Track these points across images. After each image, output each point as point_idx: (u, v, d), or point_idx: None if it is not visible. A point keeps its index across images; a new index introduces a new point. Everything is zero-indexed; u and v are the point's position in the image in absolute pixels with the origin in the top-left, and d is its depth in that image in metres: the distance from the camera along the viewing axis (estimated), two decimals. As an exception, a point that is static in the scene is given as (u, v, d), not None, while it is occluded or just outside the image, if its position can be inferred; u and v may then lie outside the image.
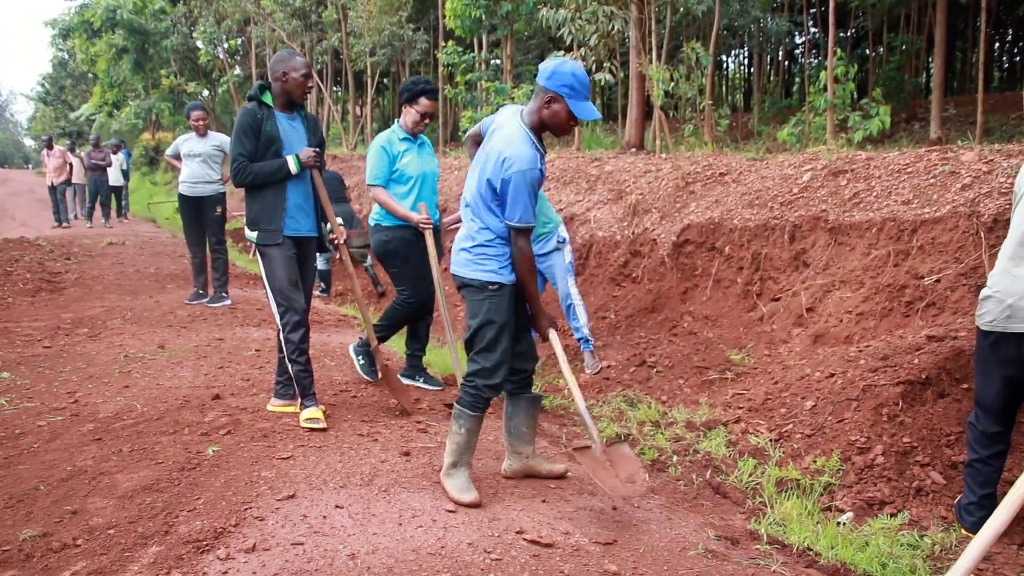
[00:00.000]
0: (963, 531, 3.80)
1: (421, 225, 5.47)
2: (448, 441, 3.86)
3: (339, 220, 5.08)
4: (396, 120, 5.65)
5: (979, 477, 3.79)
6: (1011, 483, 3.74)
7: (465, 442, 3.83)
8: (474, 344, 3.81)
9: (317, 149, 4.79)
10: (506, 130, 3.74)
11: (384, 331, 5.73)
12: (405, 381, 5.79)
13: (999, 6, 21.13)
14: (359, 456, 4.17)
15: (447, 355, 6.86)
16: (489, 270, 3.79)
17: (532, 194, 3.66)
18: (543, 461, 4.21)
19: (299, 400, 4.78)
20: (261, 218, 4.70)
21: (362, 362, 5.78)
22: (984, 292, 3.61)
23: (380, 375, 5.20)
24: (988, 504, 3.66)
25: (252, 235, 4.75)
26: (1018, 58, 24.68)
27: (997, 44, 25.12)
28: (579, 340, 7.03)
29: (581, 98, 3.65)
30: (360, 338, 5.89)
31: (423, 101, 5.46)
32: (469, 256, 3.84)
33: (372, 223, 5.64)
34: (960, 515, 3.86)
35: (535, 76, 3.86)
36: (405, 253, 5.54)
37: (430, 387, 5.87)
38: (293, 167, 4.67)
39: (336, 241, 4.97)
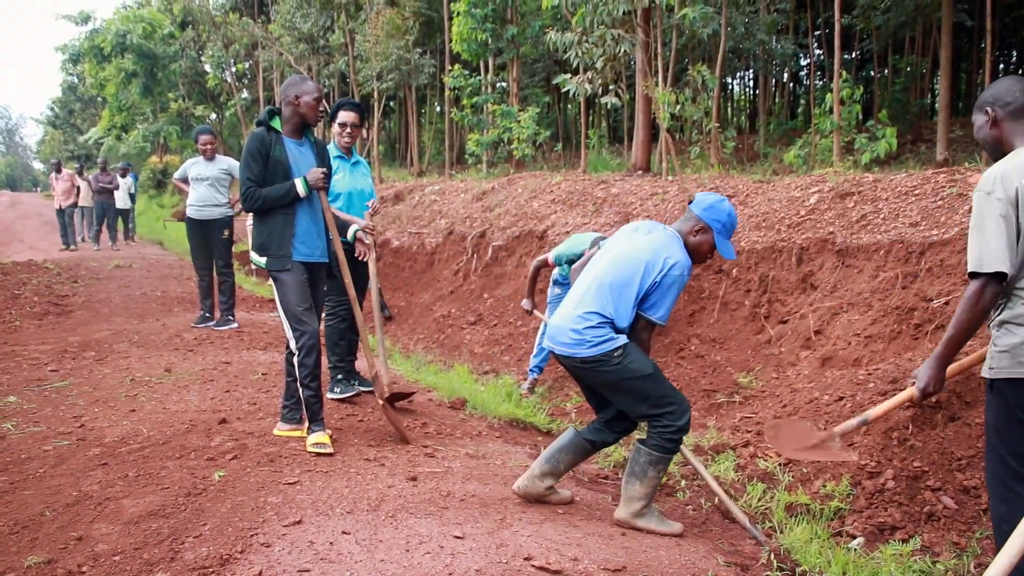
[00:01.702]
0: None
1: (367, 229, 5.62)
2: (641, 487, 3.90)
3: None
4: (332, 140, 5.89)
5: None
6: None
7: (660, 482, 3.98)
8: (641, 405, 3.87)
9: (325, 171, 4.81)
10: (660, 235, 3.94)
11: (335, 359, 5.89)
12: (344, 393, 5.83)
13: (1003, 28, 21.19)
14: (366, 481, 4.15)
15: (453, 379, 6.85)
16: (606, 340, 3.81)
17: (676, 297, 3.89)
18: (556, 491, 4.19)
19: (306, 424, 4.77)
20: (270, 243, 4.71)
21: (337, 389, 5.81)
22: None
23: (381, 403, 5.13)
24: None
25: (261, 260, 4.75)
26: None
27: (1002, 66, 25.17)
28: None
29: (727, 236, 3.94)
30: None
31: (341, 114, 5.76)
32: (583, 338, 3.84)
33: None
34: None
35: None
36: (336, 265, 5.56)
37: (365, 388, 5.91)
38: (301, 189, 4.69)
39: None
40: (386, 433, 5.11)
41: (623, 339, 3.85)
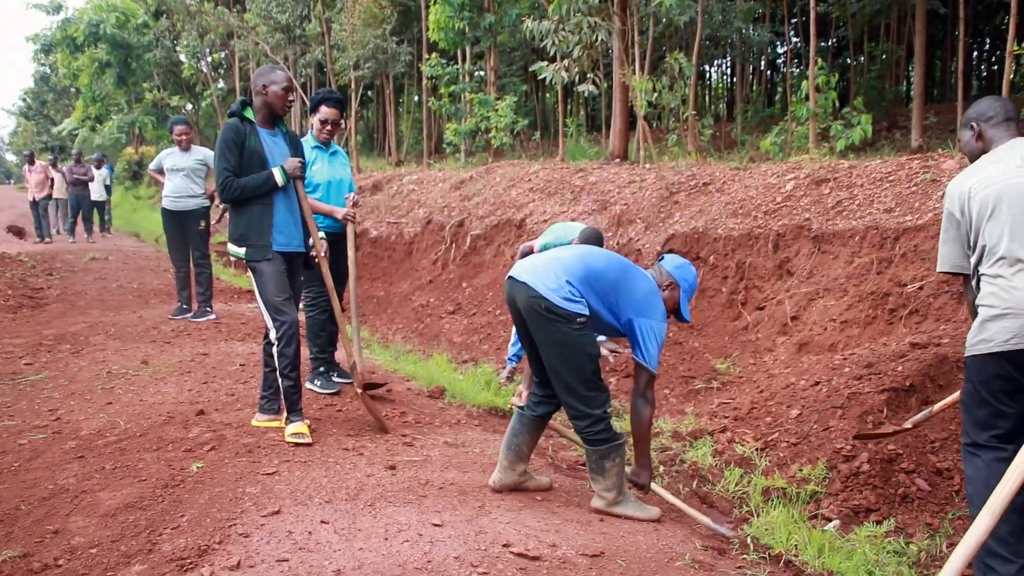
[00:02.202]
0: None
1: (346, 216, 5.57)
2: (604, 480, 3.93)
3: (321, 235, 5.07)
4: (310, 129, 5.80)
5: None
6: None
7: (623, 468, 3.99)
8: (570, 379, 3.85)
9: (301, 160, 4.79)
10: (646, 288, 3.98)
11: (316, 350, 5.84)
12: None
13: (976, 16, 21.35)
14: (344, 471, 4.15)
15: (432, 368, 6.85)
16: (579, 302, 3.82)
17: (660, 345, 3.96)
18: (532, 476, 4.20)
19: (284, 415, 4.75)
20: (249, 234, 4.68)
21: (318, 383, 5.76)
22: (990, 312, 3.25)
23: (359, 392, 5.12)
24: None
25: (239, 251, 4.71)
26: (996, 67, 24.89)
27: (975, 53, 25.36)
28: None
29: (688, 297, 4.12)
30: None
31: (323, 109, 5.63)
32: (558, 291, 3.81)
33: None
34: None
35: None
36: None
37: (344, 380, 5.89)
38: (280, 179, 4.66)
39: (316, 258, 4.96)
40: (365, 423, 5.10)
41: (587, 310, 3.87)
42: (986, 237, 3.30)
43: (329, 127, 5.70)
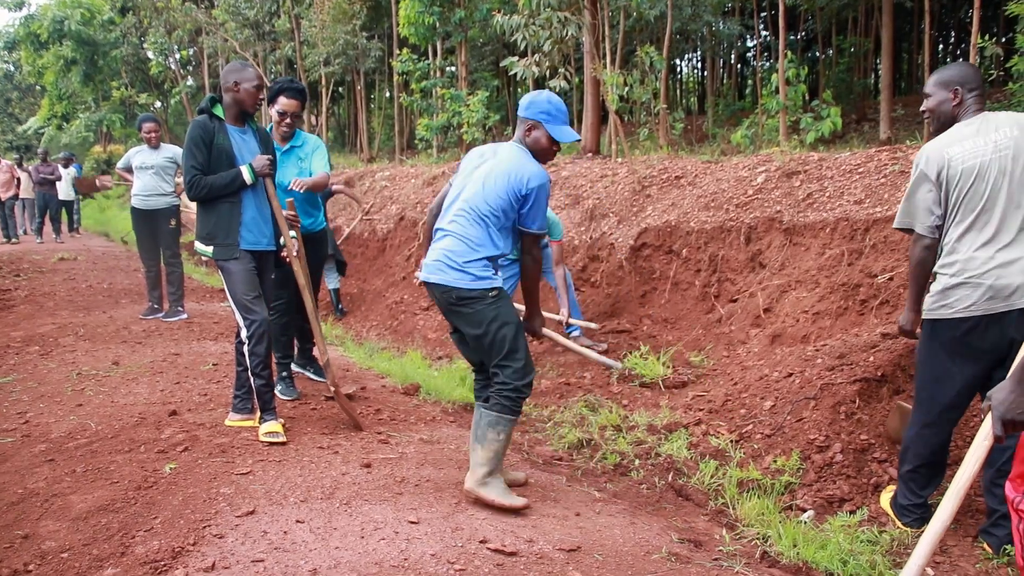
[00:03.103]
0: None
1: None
2: (482, 451, 3.81)
3: (292, 234, 4.98)
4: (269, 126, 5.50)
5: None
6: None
7: (504, 448, 3.87)
8: (494, 351, 3.82)
9: (271, 157, 4.75)
10: (507, 154, 3.92)
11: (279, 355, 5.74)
12: (295, 370, 5.86)
13: (942, 9, 21.59)
14: (320, 469, 4.13)
15: (407, 364, 6.83)
16: (488, 277, 3.83)
17: (546, 204, 3.87)
18: (506, 471, 4.19)
19: (258, 414, 4.72)
20: (217, 232, 4.64)
21: (279, 388, 5.59)
22: (948, 281, 3.55)
23: (333, 389, 5.08)
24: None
25: (207, 250, 4.67)
26: (961, 59, 25.20)
27: (941, 46, 25.65)
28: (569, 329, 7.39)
29: (559, 122, 3.89)
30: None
31: (282, 100, 5.35)
32: (465, 272, 3.82)
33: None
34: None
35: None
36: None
37: (319, 379, 5.88)
38: (248, 177, 4.62)
39: (287, 258, 4.91)
40: (339, 421, 5.08)
41: (499, 281, 3.89)
42: (960, 207, 3.52)
43: (288, 119, 5.41)
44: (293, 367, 5.80)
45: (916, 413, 3.88)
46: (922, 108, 3.87)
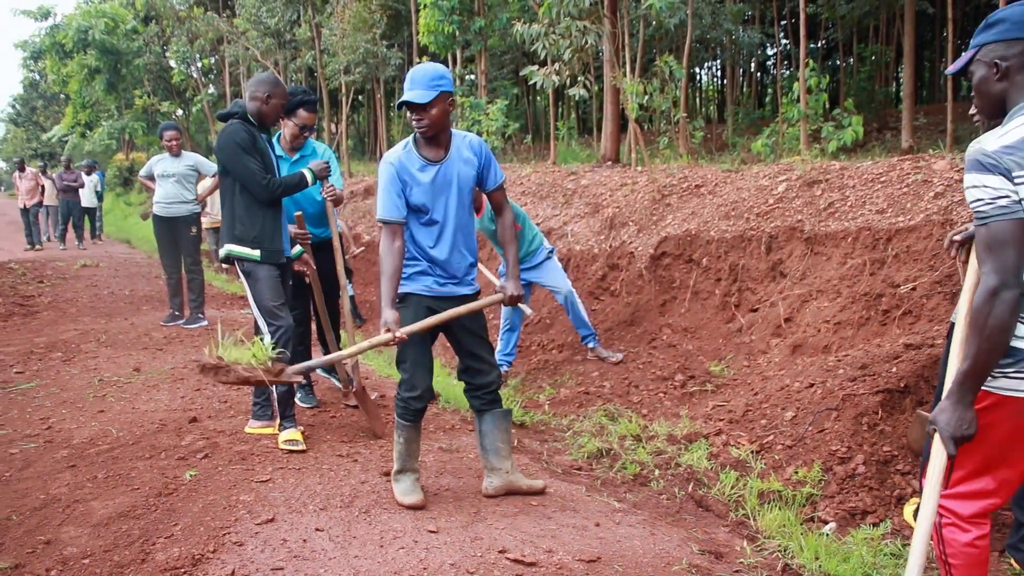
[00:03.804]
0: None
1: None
2: (393, 449, 4.00)
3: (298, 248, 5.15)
4: (277, 133, 5.47)
5: None
6: None
7: (404, 450, 3.94)
8: (488, 345, 4.06)
9: (326, 161, 5.02)
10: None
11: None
12: (322, 375, 5.88)
13: (964, 17, 21.43)
14: (339, 477, 4.13)
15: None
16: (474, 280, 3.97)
17: (390, 186, 3.82)
18: (522, 477, 4.18)
19: (278, 421, 4.74)
20: (264, 236, 4.68)
21: (300, 395, 5.62)
22: None
23: (356, 396, 5.14)
24: None
25: (254, 253, 4.64)
26: (986, 67, 25.03)
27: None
28: (585, 338, 7.32)
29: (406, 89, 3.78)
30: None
31: (301, 113, 5.30)
32: (473, 284, 4.03)
33: None
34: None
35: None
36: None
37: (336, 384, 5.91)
38: (310, 179, 4.84)
39: (307, 274, 5.15)
40: (359, 429, 5.09)
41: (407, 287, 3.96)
42: None
43: (306, 133, 5.41)
44: (320, 373, 5.80)
45: None
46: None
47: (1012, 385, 2.50)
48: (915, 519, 3.90)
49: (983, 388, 2.51)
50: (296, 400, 5.57)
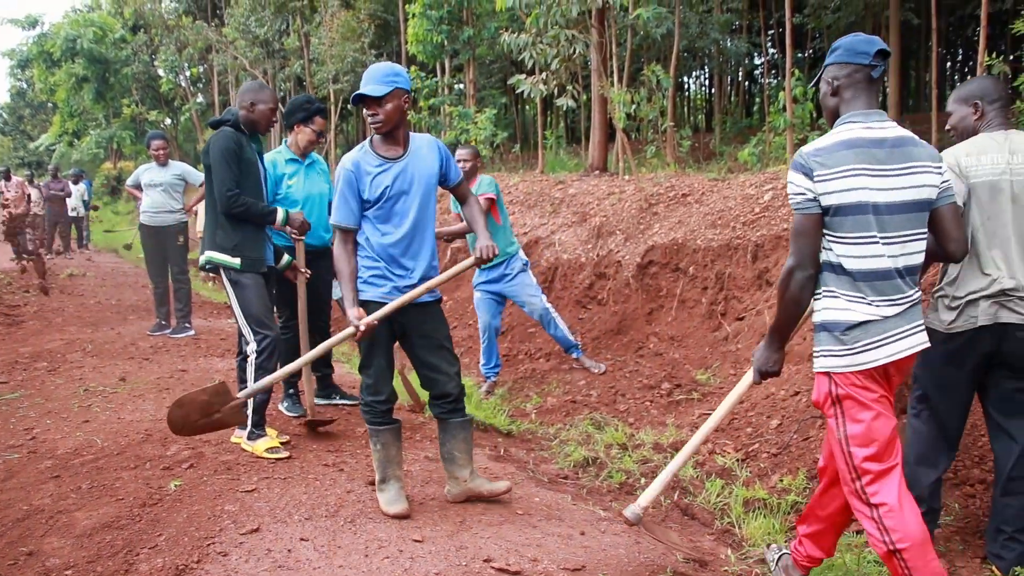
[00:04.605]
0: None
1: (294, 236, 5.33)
2: (373, 458, 3.99)
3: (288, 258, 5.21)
4: (284, 140, 5.61)
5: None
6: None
7: (384, 456, 3.94)
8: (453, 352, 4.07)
9: (308, 222, 5.08)
10: (419, 142, 4.02)
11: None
12: (321, 403, 5.76)
13: (949, 28, 21.61)
14: (324, 487, 4.13)
15: (413, 381, 6.82)
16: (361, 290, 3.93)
17: (346, 191, 3.86)
18: (484, 481, 4.16)
19: (248, 430, 4.68)
20: (245, 245, 4.68)
21: (286, 404, 5.66)
22: (961, 297, 3.47)
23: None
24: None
25: (234, 262, 4.65)
26: (969, 77, 25.24)
27: (949, 64, 25.66)
28: (569, 349, 7.25)
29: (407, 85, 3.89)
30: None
31: (318, 120, 5.48)
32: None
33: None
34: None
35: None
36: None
37: (347, 402, 5.83)
38: (279, 221, 4.83)
39: (296, 278, 5.19)
40: (346, 438, 5.08)
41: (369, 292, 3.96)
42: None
43: (321, 139, 5.62)
44: (318, 401, 5.72)
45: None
46: (947, 127, 3.79)
47: (844, 362, 2.93)
48: None
49: (842, 371, 2.95)
50: (283, 409, 5.58)
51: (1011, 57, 14.75)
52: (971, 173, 3.44)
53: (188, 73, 30.69)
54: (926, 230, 3.00)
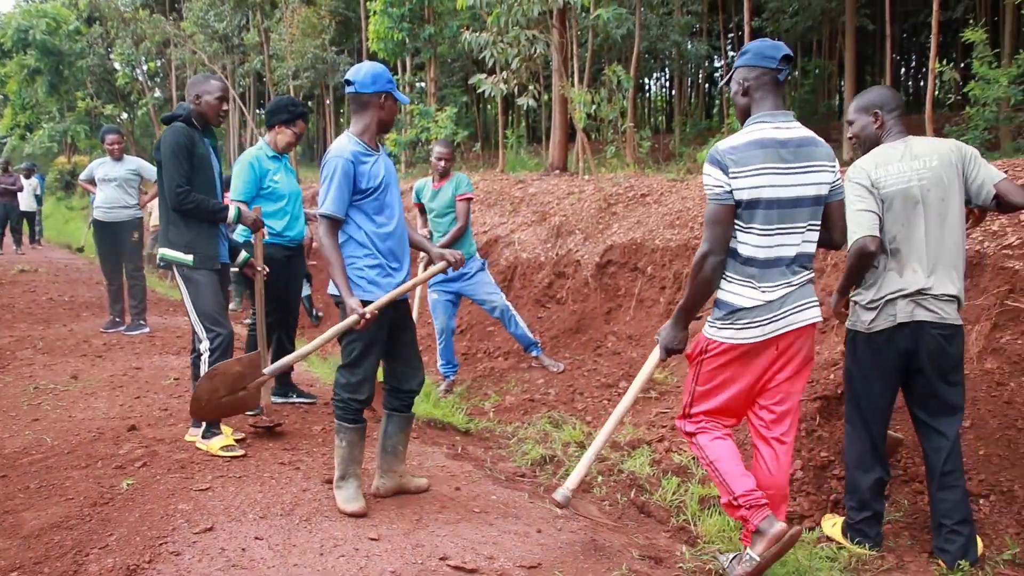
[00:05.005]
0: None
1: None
2: (335, 455, 3.94)
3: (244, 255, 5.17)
4: (262, 139, 5.64)
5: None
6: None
7: (348, 454, 3.91)
8: (342, 358, 3.94)
9: (261, 219, 5.06)
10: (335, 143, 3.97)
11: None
12: (277, 400, 5.73)
13: (903, 34, 22.01)
14: (280, 485, 4.09)
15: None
16: (358, 287, 3.88)
17: (343, 182, 3.78)
18: (412, 478, 4.24)
19: (203, 428, 4.63)
20: (198, 242, 4.63)
21: (295, 397, 5.82)
22: (880, 298, 3.70)
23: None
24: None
25: (187, 259, 4.60)
26: (922, 83, 25.68)
27: (903, 70, 26.13)
28: (528, 347, 7.27)
29: (395, 88, 3.98)
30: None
31: (301, 124, 5.56)
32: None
33: (242, 240, 5.51)
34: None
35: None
36: (278, 270, 5.49)
37: (304, 401, 5.83)
38: (231, 218, 4.76)
39: (255, 273, 5.16)
40: (302, 436, 5.04)
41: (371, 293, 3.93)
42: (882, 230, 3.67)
43: (296, 141, 5.68)
44: (273, 399, 5.69)
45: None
46: (848, 135, 4.08)
47: (730, 335, 3.31)
48: (841, 535, 4.00)
49: (716, 339, 3.38)
50: (295, 400, 5.72)
51: (962, 64, 15.02)
52: (881, 184, 3.68)
53: (145, 67, 30.28)
54: (820, 222, 3.33)
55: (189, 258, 4.60)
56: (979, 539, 3.77)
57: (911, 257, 3.63)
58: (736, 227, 3.23)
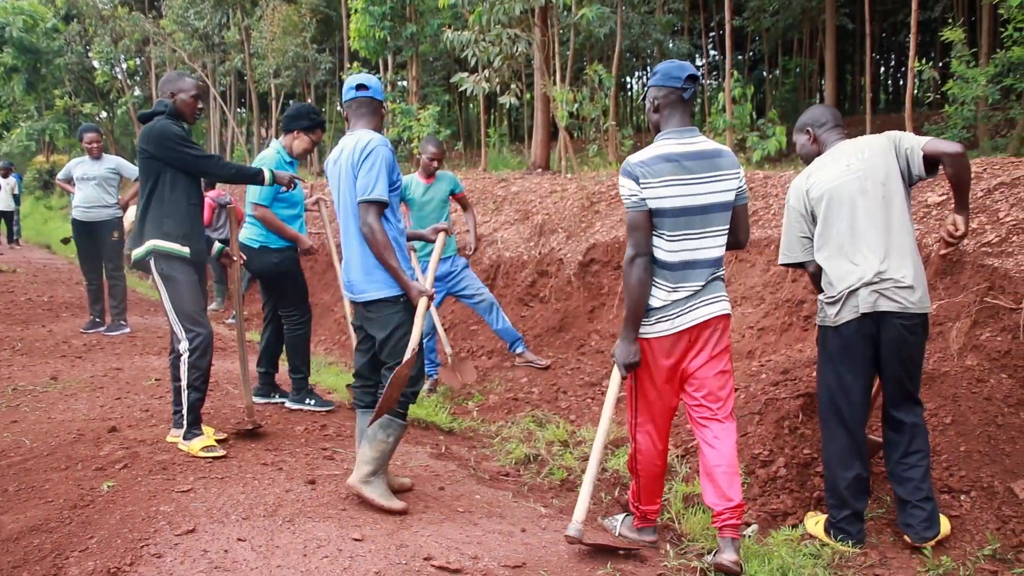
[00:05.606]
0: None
1: (313, 249, 5.75)
2: (370, 450, 3.89)
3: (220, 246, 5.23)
4: (276, 142, 5.62)
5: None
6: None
7: (390, 450, 3.95)
8: (395, 354, 3.95)
9: (295, 176, 5.15)
10: (354, 136, 4.10)
11: (306, 369, 5.72)
12: (293, 406, 5.69)
13: (883, 33, 22.15)
14: (263, 486, 4.07)
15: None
16: (390, 286, 3.98)
17: (386, 170, 3.98)
18: (395, 478, 4.24)
19: (184, 429, 4.60)
20: (194, 236, 4.62)
21: (311, 401, 5.76)
22: (842, 290, 3.80)
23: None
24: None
25: (184, 251, 4.55)
26: (901, 81, 25.87)
27: (882, 68, 26.30)
28: (513, 342, 7.30)
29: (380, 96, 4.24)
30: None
31: (319, 132, 5.63)
32: (374, 277, 3.99)
33: (255, 245, 5.50)
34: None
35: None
36: (295, 274, 5.53)
37: (321, 408, 5.76)
38: (268, 178, 4.89)
39: (229, 262, 5.23)
40: (285, 437, 5.02)
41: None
42: (820, 230, 3.89)
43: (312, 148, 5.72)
44: (255, 399, 5.65)
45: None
46: (796, 153, 4.28)
47: (644, 330, 3.55)
48: (823, 533, 4.02)
49: (646, 336, 3.57)
50: (312, 405, 5.71)
51: (940, 63, 15.14)
52: (811, 190, 3.91)
53: (124, 65, 29.96)
54: (727, 226, 3.59)
55: (186, 250, 4.57)
56: (944, 519, 3.84)
57: (860, 244, 3.76)
58: (652, 233, 3.50)
